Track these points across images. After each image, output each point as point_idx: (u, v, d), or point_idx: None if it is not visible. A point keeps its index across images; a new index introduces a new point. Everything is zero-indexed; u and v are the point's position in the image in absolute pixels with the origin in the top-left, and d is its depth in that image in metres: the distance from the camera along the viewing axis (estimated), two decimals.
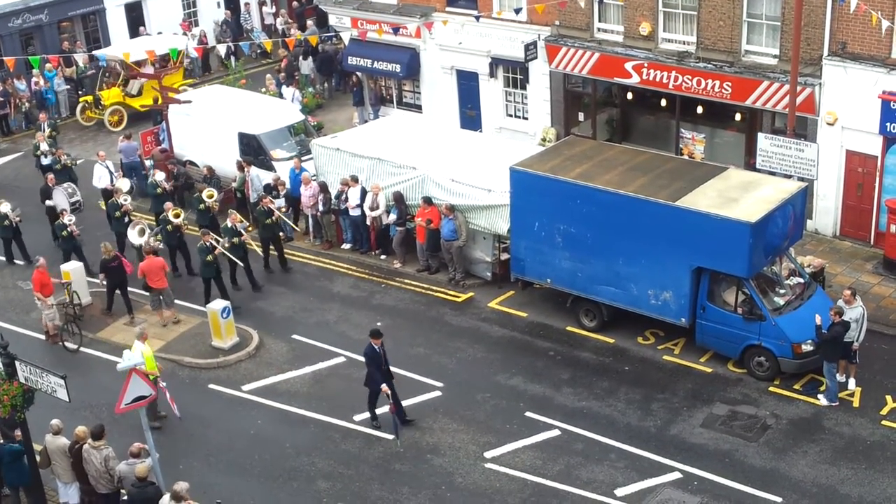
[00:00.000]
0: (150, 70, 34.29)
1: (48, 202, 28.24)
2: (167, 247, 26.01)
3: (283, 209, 27.08)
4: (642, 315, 22.30)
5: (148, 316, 24.59)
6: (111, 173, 29.09)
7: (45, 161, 30.48)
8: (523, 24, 29.18)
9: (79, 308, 24.21)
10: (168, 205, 26.52)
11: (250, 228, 26.23)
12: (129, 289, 24.65)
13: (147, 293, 24.47)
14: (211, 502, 17.34)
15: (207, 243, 24.18)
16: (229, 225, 25.03)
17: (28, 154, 33.69)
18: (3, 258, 27.27)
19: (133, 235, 25.70)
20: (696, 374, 21.53)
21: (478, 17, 26.89)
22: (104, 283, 24.48)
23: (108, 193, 28.47)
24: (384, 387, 19.66)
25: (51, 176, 28.60)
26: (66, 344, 23.61)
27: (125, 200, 26.95)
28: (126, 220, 26.53)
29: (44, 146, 30.98)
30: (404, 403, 20.85)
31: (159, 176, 28.30)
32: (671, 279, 21.41)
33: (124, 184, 28.45)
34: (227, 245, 24.68)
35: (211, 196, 26.91)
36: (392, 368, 22.05)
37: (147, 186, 28.75)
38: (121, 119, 36.88)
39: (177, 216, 25.83)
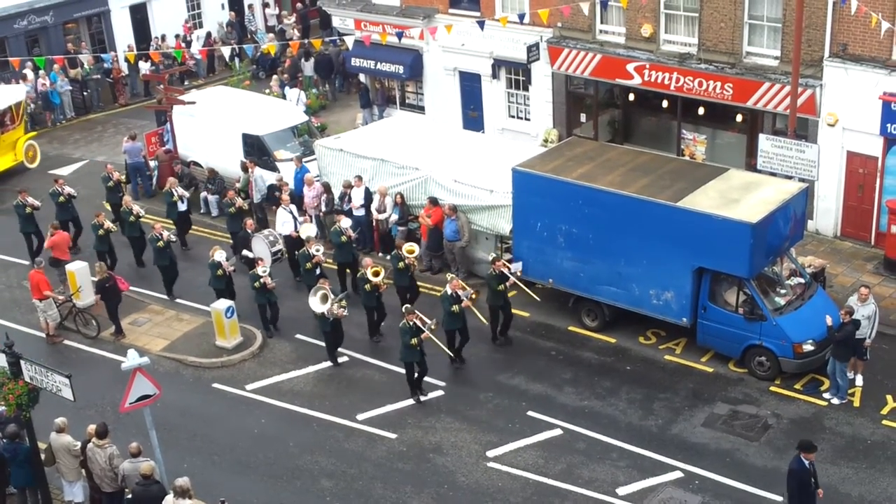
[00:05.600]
0: None
1: (246, 253, 25.28)
2: (365, 309, 23.12)
3: (518, 273, 22.95)
4: (644, 315, 22.40)
5: (152, 316, 24.75)
6: (295, 219, 26.04)
7: None
8: (525, 26, 29.26)
9: (75, 309, 24.28)
10: (367, 261, 23.50)
11: (474, 296, 22.32)
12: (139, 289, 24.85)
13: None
14: (215, 501, 17.43)
15: (411, 322, 20.68)
16: (449, 292, 21.72)
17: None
18: (218, 306, 23.27)
19: (315, 303, 22.10)
20: (697, 373, 21.62)
21: (482, 25, 26.97)
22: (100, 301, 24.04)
23: (290, 240, 25.63)
24: None
25: (250, 221, 26.07)
26: (84, 331, 24.05)
27: (317, 251, 23.82)
28: (317, 271, 23.68)
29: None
30: (408, 402, 20.96)
31: (345, 223, 24.82)
32: (673, 279, 21.49)
33: (309, 229, 25.30)
34: (433, 327, 20.96)
35: (412, 252, 23.63)
36: (395, 368, 22.19)
37: (331, 234, 25.32)
38: None
39: (376, 274, 22.64)
